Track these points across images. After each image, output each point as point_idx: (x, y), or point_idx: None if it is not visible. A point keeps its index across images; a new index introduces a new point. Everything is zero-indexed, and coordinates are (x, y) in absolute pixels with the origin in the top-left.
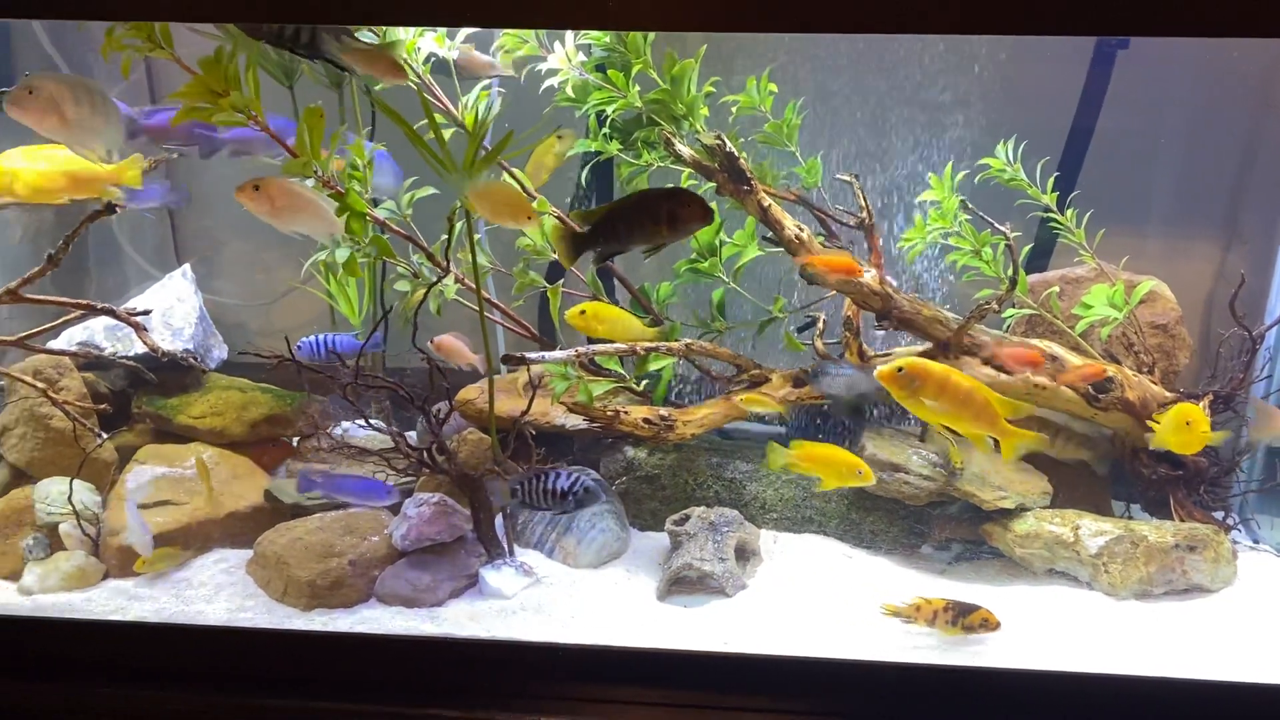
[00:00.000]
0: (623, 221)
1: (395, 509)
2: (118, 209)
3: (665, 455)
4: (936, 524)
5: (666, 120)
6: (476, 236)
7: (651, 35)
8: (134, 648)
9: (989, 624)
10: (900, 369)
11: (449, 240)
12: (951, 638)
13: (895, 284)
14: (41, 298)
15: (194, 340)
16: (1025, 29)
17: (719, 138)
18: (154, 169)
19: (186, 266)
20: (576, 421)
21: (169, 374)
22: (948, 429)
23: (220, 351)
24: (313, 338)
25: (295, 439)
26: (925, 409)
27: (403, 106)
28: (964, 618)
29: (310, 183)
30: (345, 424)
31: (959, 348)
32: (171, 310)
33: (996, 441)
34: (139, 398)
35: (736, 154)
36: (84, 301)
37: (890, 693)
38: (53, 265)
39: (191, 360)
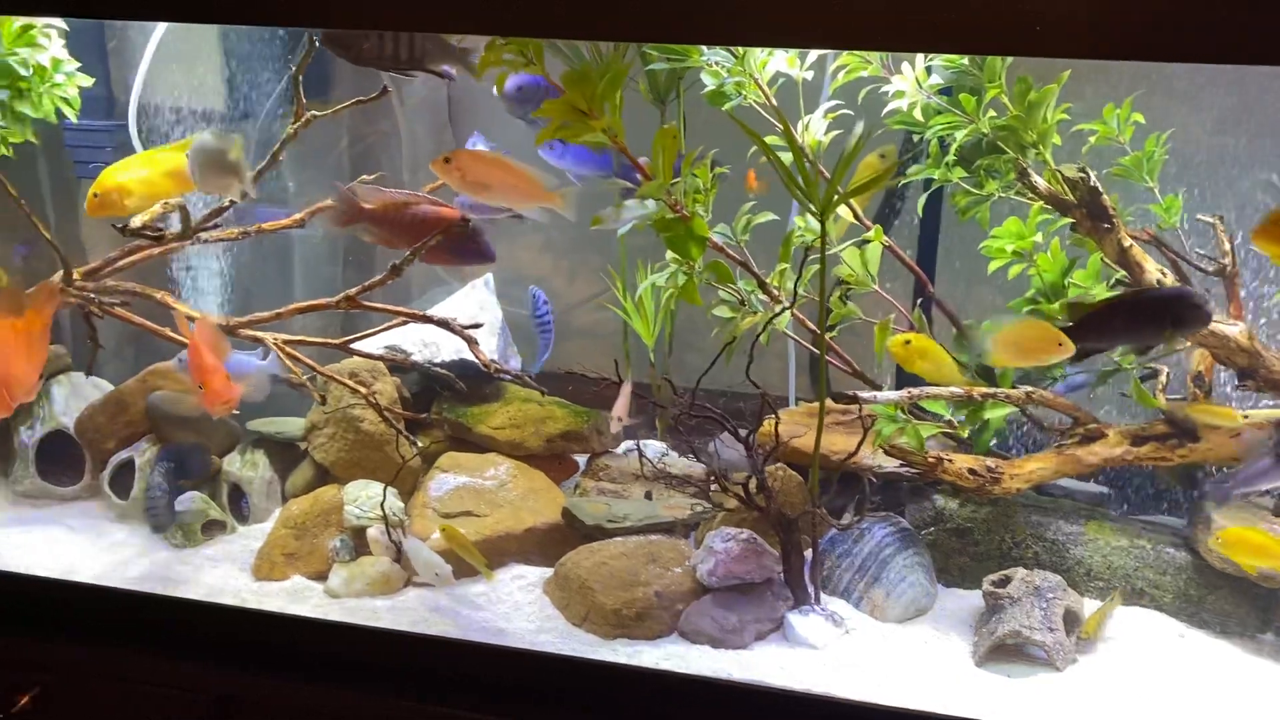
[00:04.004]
0: (1120, 319)
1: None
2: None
3: (979, 508)
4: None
5: (1013, 148)
6: (814, 268)
7: (1009, 59)
8: (437, 661)
9: None
10: None
11: (802, 269)
12: None
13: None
14: (376, 305)
15: (497, 351)
16: None
17: (1083, 170)
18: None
19: (489, 275)
20: (886, 463)
21: (469, 382)
22: None
23: (516, 362)
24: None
25: (586, 456)
26: None
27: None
28: None
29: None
30: (630, 444)
31: None
32: (474, 319)
33: None
34: (438, 404)
35: (1101, 189)
36: (418, 311)
37: None
38: (395, 275)
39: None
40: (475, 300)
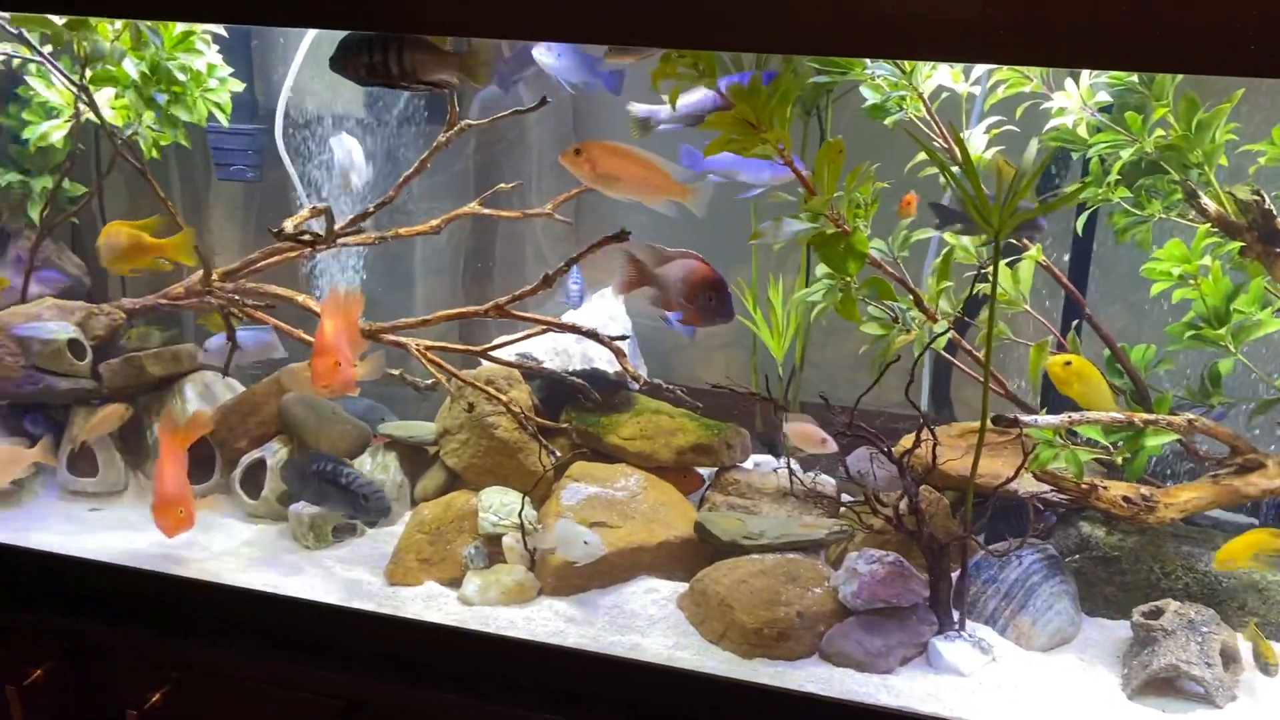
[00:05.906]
0: None
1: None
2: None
3: (1126, 536)
4: None
5: (1176, 168)
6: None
7: (1179, 76)
8: (571, 674)
9: None
10: None
11: (972, 288)
12: None
13: None
14: (525, 314)
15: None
16: None
17: (1257, 192)
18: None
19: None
20: (1032, 488)
21: (600, 391)
22: None
23: (643, 372)
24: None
25: (714, 470)
26: None
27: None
28: None
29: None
30: (758, 460)
31: None
32: (605, 329)
33: None
34: (568, 413)
35: (1276, 212)
36: (569, 323)
37: None
38: (546, 285)
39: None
40: (605, 310)
